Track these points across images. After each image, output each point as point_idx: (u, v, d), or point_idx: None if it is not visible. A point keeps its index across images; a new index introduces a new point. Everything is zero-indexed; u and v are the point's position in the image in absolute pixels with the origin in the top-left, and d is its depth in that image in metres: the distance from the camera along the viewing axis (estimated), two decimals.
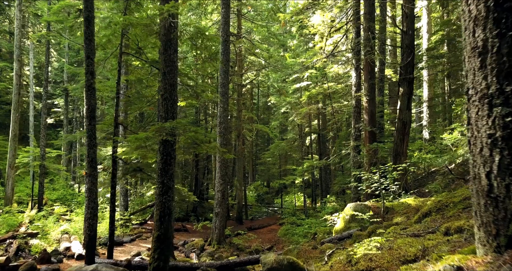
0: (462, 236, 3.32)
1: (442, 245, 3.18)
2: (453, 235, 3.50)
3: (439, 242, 3.35)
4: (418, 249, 3.28)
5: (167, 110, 7.02)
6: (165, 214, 6.86)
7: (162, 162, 6.96)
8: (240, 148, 22.03)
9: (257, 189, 35.60)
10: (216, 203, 14.45)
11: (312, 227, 16.81)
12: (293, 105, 25.92)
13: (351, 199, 13.17)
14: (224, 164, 14.49)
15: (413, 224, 5.79)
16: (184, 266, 8.25)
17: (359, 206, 8.62)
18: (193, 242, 14.19)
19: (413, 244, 3.56)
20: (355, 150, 13.16)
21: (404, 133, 12.40)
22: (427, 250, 3.17)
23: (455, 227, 3.61)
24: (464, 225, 3.51)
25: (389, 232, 5.12)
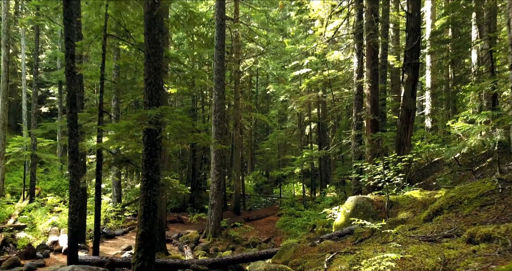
0: (492, 246, 2.74)
1: (468, 258, 2.61)
2: (480, 244, 2.93)
3: (463, 253, 2.78)
4: (437, 261, 2.71)
5: (151, 96, 6.38)
6: (150, 210, 6.29)
7: (147, 153, 6.36)
8: (238, 138, 21.43)
9: (256, 179, 35.14)
10: (212, 195, 13.92)
11: (311, 219, 16.32)
12: (292, 93, 25.23)
13: (351, 190, 12.63)
14: (220, 154, 13.90)
15: (422, 222, 5.22)
16: (174, 263, 7.72)
17: (361, 200, 8.05)
18: (187, 234, 13.69)
19: (429, 253, 2.99)
20: (356, 139, 12.55)
21: (408, 122, 11.79)
22: (448, 263, 2.61)
23: (481, 234, 3.03)
24: (494, 232, 2.92)
25: (396, 232, 4.54)
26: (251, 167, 38.96)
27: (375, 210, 7.73)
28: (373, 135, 7.42)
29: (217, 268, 7.79)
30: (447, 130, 22.83)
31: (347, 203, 8.33)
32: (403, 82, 12.21)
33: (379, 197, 8.14)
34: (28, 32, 32.24)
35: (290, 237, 15.31)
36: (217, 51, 14.04)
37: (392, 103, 19.19)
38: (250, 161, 38.64)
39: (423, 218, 5.33)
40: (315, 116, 27.39)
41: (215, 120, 13.90)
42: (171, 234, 14.99)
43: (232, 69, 20.90)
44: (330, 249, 6.44)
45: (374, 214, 7.67)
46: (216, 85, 13.87)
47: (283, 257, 6.91)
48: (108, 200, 17.26)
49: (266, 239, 15.16)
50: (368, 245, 5.58)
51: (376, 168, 8.11)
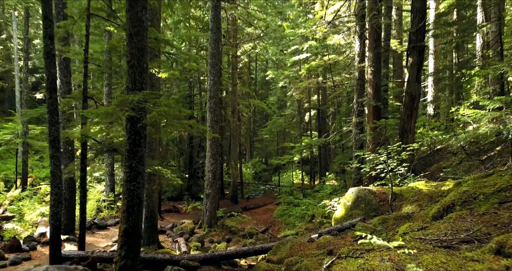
0: None
1: None
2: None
3: (493, 269, 2.28)
4: None
5: (134, 80, 5.81)
6: (134, 204, 5.78)
7: (130, 142, 5.82)
8: (236, 125, 20.87)
9: (254, 166, 34.72)
10: (207, 184, 13.45)
11: (309, 208, 15.91)
12: (292, 79, 24.53)
13: (352, 180, 12.15)
14: (215, 142, 13.37)
15: (431, 219, 4.71)
16: (163, 259, 7.27)
17: (362, 191, 7.55)
18: (182, 225, 13.27)
19: (450, 266, 2.49)
20: (357, 127, 12.00)
21: (413, 108, 11.22)
22: None
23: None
24: None
25: (404, 232, 4.04)
26: (250, 154, 38.53)
27: (377, 202, 7.25)
28: (377, 122, 6.89)
29: (209, 263, 7.34)
30: (450, 117, 22.29)
31: (348, 195, 7.83)
32: (407, 67, 11.59)
33: (381, 189, 7.64)
34: (22, 17, 31.34)
35: (288, 227, 14.92)
36: (212, 35, 13.36)
37: (394, 89, 18.57)
38: (249, 148, 38.18)
39: (431, 214, 4.82)
40: (315, 103, 26.77)
41: (211, 107, 13.33)
42: (165, 224, 14.59)
43: (229, 54, 20.19)
44: (329, 245, 5.97)
45: (376, 207, 7.19)
46: (211, 70, 13.24)
47: (278, 253, 6.45)
48: (101, 189, 16.82)
49: (264, 229, 14.77)
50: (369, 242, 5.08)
51: (379, 158, 7.58)
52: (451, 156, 13.55)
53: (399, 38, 20.60)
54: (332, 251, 5.42)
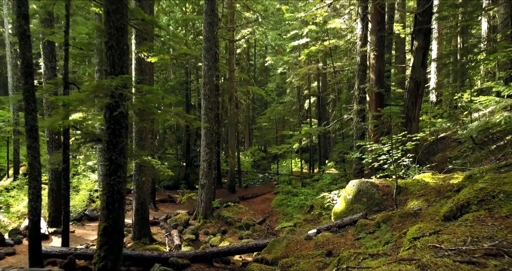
0: None
1: None
2: None
3: None
4: None
5: (113, 63, 5.22)
6: (115, 200, 5.27)
7: (110, 133, 5.26)
8: (233, 112, 20.28)
9: (253, 154, 34.26)
10: (202, 174, 12.95)
11: (308, 198, 15.47)
12: (291, 65, 23.83)
13: (352, 169, 11.64)
14: (210, 130, 12.81)
15: (443, 220, 4.20)
16: (151, 256, 6.81)
17: (364, 184, 7.04)
18: (176, 216, 12.83)
19: None
20: (359, 114, 11.43)
21: (417, 95, 10.64)
22: None
23: None
24: None
25: (414, 236, 3.53)
26: (248, 142, 38.03)
27: (380, 196, 6.74)
28: (380, 110, 6.33)
29: (200, 261, 6.89)
30: (453, 104, 21.68)
31: (349, 188, 7.33)
32: (412, 51, 10.95)
33: (384, 181, 7.13)
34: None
35: (286, 218, 14.51)
36: (207, 17, 12.67)
37: (397, 75, 17.92)
38: (247, 136, 37.66)
39: (443, 213, 4.31)
40: (314, 90, 26.13)
41: (205, 94, 12.73)
42: (160, 214, 14.15)
43: (225, 38, 19.44)
44: (328, 244, 5.49)
45: (379, 201, 6.69)
46: (206, 55, 12.59)
47: (273, 251, 5.98)
48: (95, 178, 16.34)
49: (261, 220, 14.35)
50: (374, 243, 4.60)
51: (382, 148, 7.05)
52: (455, 144, 13.03)
53: (402, 22, 19.86)
54: (332, 252, 4.93)
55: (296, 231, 11.79)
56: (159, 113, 5.43)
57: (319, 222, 11.74)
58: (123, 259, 6.88)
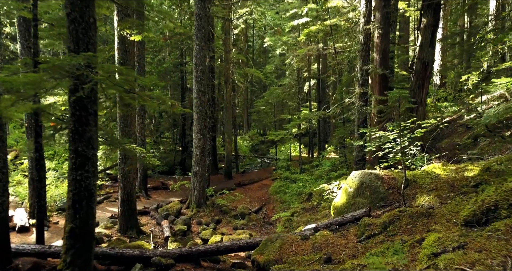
0: None
1: None
2: None
3: None
4: None
5: (77, 39, 4.44)
6: (82, 198, 4.59)
7: (75, 120, 4.53)
8: (229, 95, 19.46)
9: (252, 139, 33.60)
10: (195, 161, 12.28)
11: (307, 186, 14.86)
12: (290, 46, 22.82)
13: (354, 157, 10.96)
14: (203, 115, 12.06)
15: (465, 225, 3.52)
16: (132, 255, 6.19)
17: (367, 176, 6.36)
18: (168, 205, 12.22)
19: None
20: (361, 98, 10.65)
21: (425, 77, 9.88)
22: None
23: None
24: None
25: (433, 252, 2.86)
26: (247, 126, 37.29)
27: (385, 190, 6.07)
28: (388, 94, 5.58)
29: (186, 260, 6.27)
30: (458, 87, 20.83)
31: (350, 180, 6.65)
32: (420, 29, 10.10)
33: (390, 173, 6.44)
34: None
35: (283, 206, 13.93)
36: None
37: (401, 56, 17.04)
38: (246, 120, 36.90)
39: (463, 216, 3.62)
40: (314, 72, 25.22)
41: (197, 76, 11.92)
42: (151, 203, 13.56)
43: (219, 16, 18.43)
44: (327, 247, 4.85)
45: (384, 195, 6.01)
46: (197, 34, 11.71)
47: (266, 253, 5.34)
48: None
49: (257, 208, 13.78)
50: (380, 250, 3.94)
51: (388, 135, 6.33)
52: (463, 129, 12.31)
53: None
54: (331, 257, 4.28)
55: (293, 220, 11.22)
56: (125, 98, 4.69)
57: (318, 211, 11.14)
58: (102, 257, 6.27)
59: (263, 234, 11.05)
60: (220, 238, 8.31)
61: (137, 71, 13.98)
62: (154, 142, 28.01)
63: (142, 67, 14.00)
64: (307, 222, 10.59)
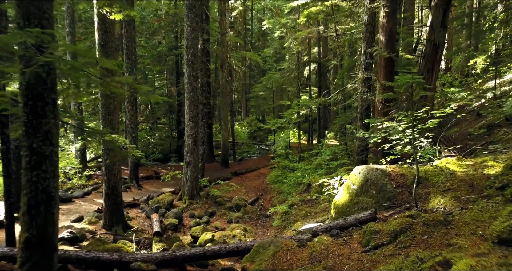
0: None
1: None
2: None
3: None
4: None
5: (27, 14, 3.67)
6: (39, 202, 3.90)
7: (28, 112, 3.80)
8: (225, 80, 18.62)
9: (250, 125, 32.82)
10: (187, 151, 11.60)
11: (305, 175, 14.22)
12: (289, 28, 21.82)
13: (356, 147, 10.24)
14: (195, 101, 11.30)
15: (497, 242, 2.84)
16: (110, 259, 5.55)
17: (372, 172, 5.66)
18: (159, 196, 11.59)
19: None
20: (365, 83, 9.87)
21: (435, 60, 9.09)
22: None
23: None
24: None
25: None
26: (245, 112, 36.46)
27: (393, 189, 5.38)
28: (399, 79, 4.82)
29: (169, 266, 5.64)
30: (465, 71, 19.95)
31: (353, 176, 5.95)
32: (431, 7, 9.26)
33: (398, 169, 5.73)
34: None
35: (281, 197, 13.32)
36: None
37: (406, 39, 16.13)
38: (244, 105, 36.05)
39: (496, 233, 2.93)
40: (315, 56, 24.28)
41: (188, 60, 11.10)
42: (142, 194, 12.93)
43: None
44: (327, 257, 4.18)
45: (391, 195, 5.33)
46: (188, 13, 10.84)
47: (257, 261, 4.69)
48: (73, 152, 15.00)
49: (254, 200, 13.17)
50: (392, 270, 3.27)
51: (395, 126, 5.61)
52: (473, 117, 11.58)
53: None
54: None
55: (291, 213, 10.60)
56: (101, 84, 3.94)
57: (317, 204, 10.52)
58: (77, 262, 5.64)
59: (258, 228, 10.46)
60: (211, 235, 7.69)
61: (126, 55, 13.15)
62: (150, 128, 27.27)
63: (131, 50, 13.16)
64: (305, 215, 9.97)
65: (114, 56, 8.27)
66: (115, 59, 8.28)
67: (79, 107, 13.38)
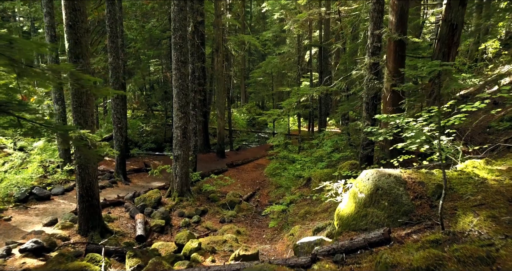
0: None
1: None
2: None
3: None
4: None
5: None
6: None
7: None
8: (220, 65, 17.49)
9: (249, 111, 31.77)
10: (176, 144, 10.63)
11: (305, 168, 13.29)
12: (289, 10, 20.55)
13: (360, 141, 9.24)
14: (183, 89, 10.26)
15: None
16: None
17: (384, 179, 4.69)
18: (146, 193, 10.67)
19: None
20: (372, 69, 8.80)
21: (452, 43, 7.97)
22: None
23: None
24: None
25: None
26: (244, 97, 35.33)
27: (410, 201, 4.41)
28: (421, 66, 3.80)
29: None
30: (474, 55, 18.74)
31: (361, 181, 4.98)
32: None
33: (415, 175, 4.75)
34: None
35: (278, 192, 12.43)
36: None
37: (415, 20, 14.89)
38: (243, 91, 34.90)
39: None
40: (316, 40, 23.06)
41: (176, 43, 10.01)
42: (130, 189, 12.03)
43: None
44: None
45: (408, 208, 4.36)
46: None
47: None
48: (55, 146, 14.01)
49: (250, 195, 12.27)
50: None
51: (412, 124, 4.62)
52: (489, 106, 10.53)
53: None
54: None
55: (289, 212, 9.72)
56: None
57: (318, 201, 9.62)
58: None
59: (253, 228, 9.59)
60: (198, 243, 6.78)
61: (109, 38, 12.04)
62: (144, 116, 26.26)
63: (115, 33, 12.02)
64: (304, 216, 9.07)
65: (85, 39, 7.21)
66: (86, 42, 7.22)
67: (59, 97, 12.32)
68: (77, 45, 7.08)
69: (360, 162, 9.11)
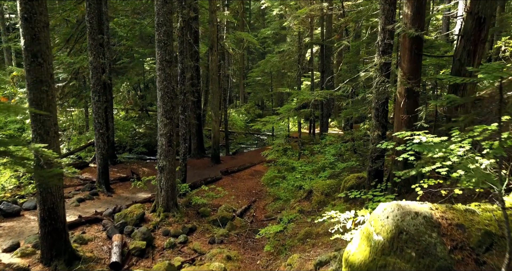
0: None
1: None
2: None
3: None
4: None
5: None
6: None
7: None
8: (215, 64, 16.32)
9: (248, 112, 30.64)
10: (160, 153, 9.50)
11: (306, 178, 12.13)
12: (289, 5, 19.38)
13: (369, 152, 8.07)
14: (169, 92, 9.11)
15: None
16: None
17: (409, 219, 3.55)
18: (127, 209, 9.53)
19: None
20: (382, 71, 7.65)
21: (478, 40, 6.85)
22: None
23: None
24: None
25: None
26: (243, 98, 34.16)
27: (446, 253, 3.26)
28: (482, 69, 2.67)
29: None
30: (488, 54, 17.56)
31: (378, 219, 3.83)
32: None
33: (450, 213, 3.61)
34: None
35: (276, 205, 11.31)
36: None
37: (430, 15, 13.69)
38: (242, 90, 33.74)
39: None
40: (318, 37, 21.85)
41: (160, 40, 8.86)
42: (112, 202, 10.91)
43: None
44: None
45: (446, 265, 3.22)
46: None
47: None
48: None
49: (244, 208, 11.14)
50: None
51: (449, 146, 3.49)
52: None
53: None
54: None
55: (287, 232, 8.59)
56: None
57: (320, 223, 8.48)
58: None
59: (247, 251, 8.46)
60: None
61: (89, 35, 10.90)
62: (138, 117, 25.16)
63: (95, 29, 10.88)
64: (304, 239, 7.93)
65: (45, 34, 6.07)
66: (46, 38, 6.08)
67: None
68: (34, 41, 5.95)
69: (368, 177, 7.97)
